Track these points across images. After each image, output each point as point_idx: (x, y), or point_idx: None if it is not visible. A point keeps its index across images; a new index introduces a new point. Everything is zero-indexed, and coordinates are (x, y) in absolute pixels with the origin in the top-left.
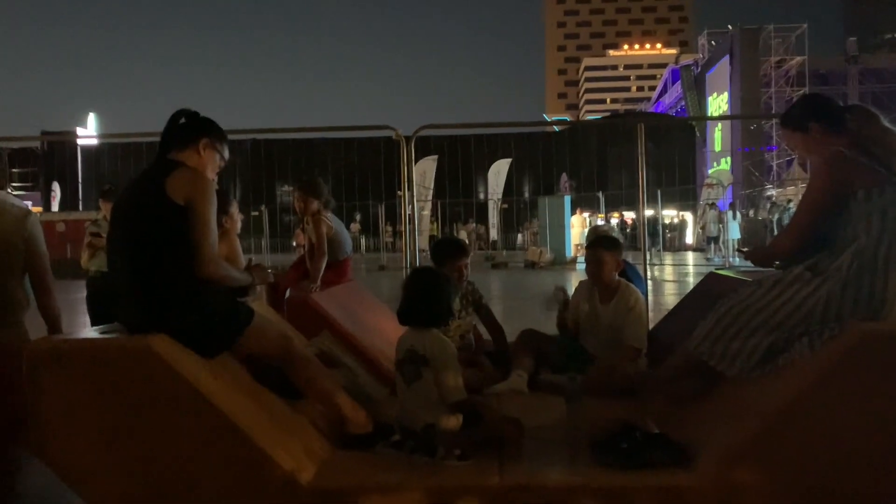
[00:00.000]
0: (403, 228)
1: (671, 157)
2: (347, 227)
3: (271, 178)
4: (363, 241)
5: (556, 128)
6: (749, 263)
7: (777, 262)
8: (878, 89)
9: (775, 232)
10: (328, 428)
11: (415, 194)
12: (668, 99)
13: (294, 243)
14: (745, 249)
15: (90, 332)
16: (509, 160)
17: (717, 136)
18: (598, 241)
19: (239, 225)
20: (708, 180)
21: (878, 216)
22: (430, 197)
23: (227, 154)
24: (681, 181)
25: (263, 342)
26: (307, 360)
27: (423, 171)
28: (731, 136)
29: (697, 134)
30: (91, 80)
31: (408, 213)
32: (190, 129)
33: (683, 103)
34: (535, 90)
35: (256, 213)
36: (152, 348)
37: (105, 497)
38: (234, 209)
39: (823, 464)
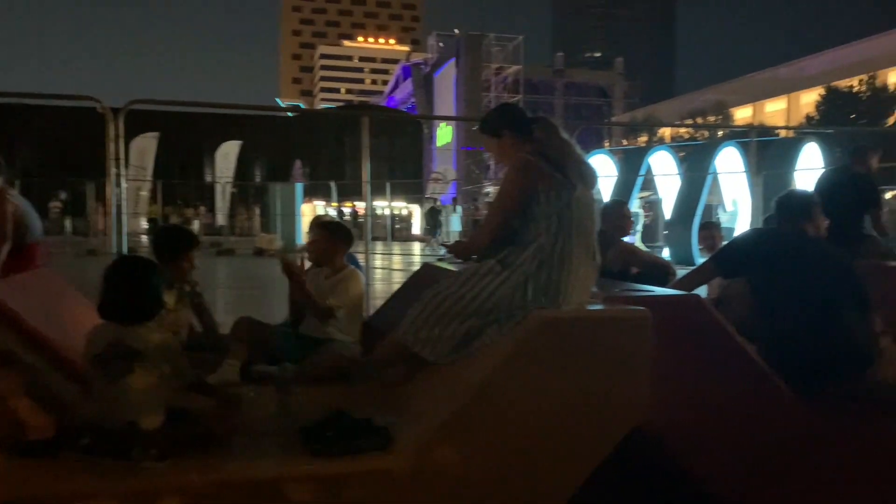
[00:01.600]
0: (109, 210)
1: (402, 151)
2: (46, 206)
3: None
4: (68, 222)
5: (289, 113)
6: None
7: (474, 256)
8: (579, 101)
9: None
10: (1, 435)
11: (130, 173)
12: (399, 94)
13: None
14: (447, 243)
15: None
16: (239, 142)
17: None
18: (323, 223)
19: None
20: (433, 175)
21: (555, 217)
22: (149, 177)
23: None
24: (410, 175)
25: None
26: None
27: (142, 149)
28: (455, 136)
29: (426, 131)
30: None
31: (115, 192)
32: None
33: (413, 100)
34: (269, 72)
35: None
36: None
37: None
38: None
39: (513, 439)
